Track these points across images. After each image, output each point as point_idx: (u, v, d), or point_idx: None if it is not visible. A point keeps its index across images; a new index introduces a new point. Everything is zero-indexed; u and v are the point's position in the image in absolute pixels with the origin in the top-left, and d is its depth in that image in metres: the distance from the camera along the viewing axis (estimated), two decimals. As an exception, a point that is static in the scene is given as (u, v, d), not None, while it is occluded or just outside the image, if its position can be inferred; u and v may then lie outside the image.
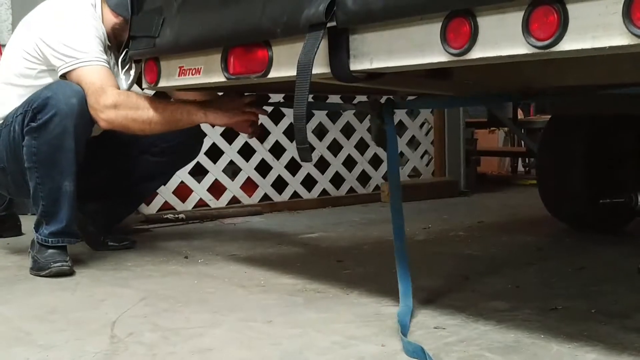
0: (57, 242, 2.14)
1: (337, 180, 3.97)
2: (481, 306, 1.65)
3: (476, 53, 1.11)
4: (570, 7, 0.98)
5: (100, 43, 2.18)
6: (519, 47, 1.05)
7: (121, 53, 2.10)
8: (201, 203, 3.49)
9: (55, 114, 2.07)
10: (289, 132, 3.66)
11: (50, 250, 2.13)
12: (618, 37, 0.93)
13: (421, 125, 4.36)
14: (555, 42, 1.00)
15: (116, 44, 2.29)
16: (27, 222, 2.82)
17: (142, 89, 2.12)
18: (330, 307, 1.68)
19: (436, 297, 1.76)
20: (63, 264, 2.11)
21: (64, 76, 2.14)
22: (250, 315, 1.63)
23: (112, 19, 2.26)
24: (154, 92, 2.35)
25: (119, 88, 2.15)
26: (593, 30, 0.96)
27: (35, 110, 2.09)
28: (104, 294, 1.87)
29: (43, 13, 2.24)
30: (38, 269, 2.12)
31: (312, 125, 3.83)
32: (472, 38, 1.11)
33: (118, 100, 2.08)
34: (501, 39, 1.08)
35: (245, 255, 2.42)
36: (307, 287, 1.90)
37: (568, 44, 0.99)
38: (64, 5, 2.23)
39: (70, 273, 2.11)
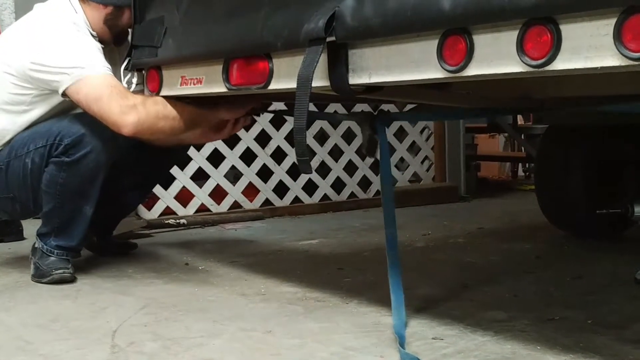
0: (62, 254, 2.16)
1: (338, 185, 3.98)
2: (479, 316, 1.67)
3: (472, 70, 1.13)
4: (564, 28, 1.00)
5: (101, 52, 2.13)
6: (514, 66, 1.07)
7: (123, 62, 2.10)
8: (202, 208, 3.51)
9: (90, 151, 2.06)
10: (291, 138, 3.66)
11: (52, 258, 2.15)
12: (609, 58, 0.95)
13: (422, 131, 4.38)
14: (549, 61, 1.02)
15: (113, 37, 2.24)
16: (29, 227, 2.83)
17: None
18: (330, 317, 1.70)
19: (435, 306, 1.78)
20: (65, 271, 2.13)
21: (65, 93, 2.03)
22: (251, 324, 1.64)
23: (101, 13, 2.18)
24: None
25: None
26: (585, 50, 0.98)
27: (68, 146, 2.05)
28: (105, 301, 1.89)
29: (26, 34, 2.13)
30: (40, 276, 2.14)
31: (313, 130, 3.85)
32: (468, 56, 1.13)
33: (145, 99, 1.96)
34: (496, 57, 1.09)
35: (245, 262, 2.43)
36: (307, 295, 1.92)
37: (561, 64, 1.01)
38: (48, 24, 2.12)
39: (71, 280, 2.13)
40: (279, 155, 3.74)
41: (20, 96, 2.13)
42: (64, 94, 2.04)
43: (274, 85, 1.57)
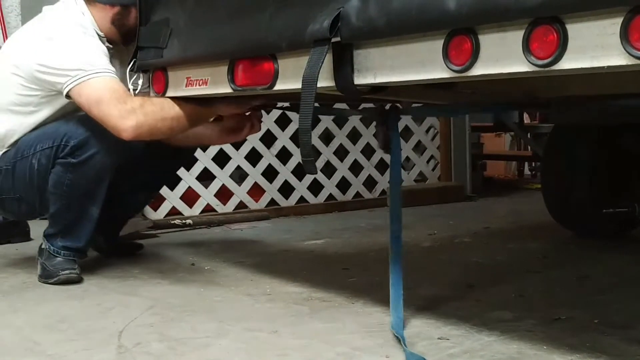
0: (68, 255, 2.17)
1: (343, 185, 3.98)
2: (485, 316, 1.66)
3: (477, 70, 1.13)
4: (570, 27, 0.99)
5: (107, 55, 2.14)
6: (520, 65, 1.06)
7: (129, 63, 2.10)
8: (208, 208, 3.52)
9: (97, 152, 2.07)
10: (296, 138, 3.68)
11: (59, 259, 2.16)
12: (616, 58, 0.94)
13: (427, 130, 4.37)
14: (555, 61, 1.01)
15: (121, 37, 2.23)
16: (36, 228, 2.84)
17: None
18: (336, 317, 1.70)
19: (441, 306, 1.77)
20: (71, 272, 2.14)
21: (69, 95, 2.04)
22: (257, 325, 1.65)
23: (108, 14, 2.18)
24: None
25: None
26: (592, 50, 0.97)
27: (74, 147, 2.06)
28: (111, 302, 1.90)
29: (33, 36, 2.14)
30: (47, 277, 2.15)
31: (318, 130, 3.85)
32: (474, 55, 1.12)
33: (144, 102, 1.97)
34: (502, 56, 1.09)
35: (251, 262, 2.43)
36: (312, 295, 1.92)
37: (567, 63, 1.00)
38: (55, 27, 2.13)
39: (78, 281, 2.14)
40: (284, 156, 3.74)
41: (27, 97, 2.14)
42: (67, 96, 2.05)
43: (279, 86, 1.57)
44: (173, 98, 1.99)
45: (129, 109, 1.95)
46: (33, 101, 2.15)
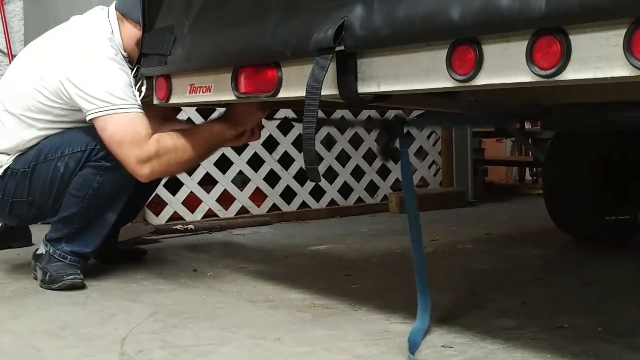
0: (74, 260, 2.17)
1: (345, 190, 3.99)
2: (488, 324, 1.66)
3: (481, 80, 1.13)
4: (573, 38, 1.00)
5: (131, 86, 2.10)
6: (523, 75, 1.07)
7: (132, 70, 2.11)
8: (210, 213, 3.52)
9: None
10: (298, 143, 3.69)
11: (62, 263, 2.16)
12: (619, 69, 0.95)
13: (429, 136, 4.38)
14: (559, 71, 1.02)
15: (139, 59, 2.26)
16: (37, 233, 2.85)
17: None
18: (339, 324, 1.70)
19: (444, 314, 1.77)
20: (76, 277, 2.14)
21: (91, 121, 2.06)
22: (259, 332, 1.65)
23: (137, 33, 2.13)
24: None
25: (151, 131, 2.07)
26: (595, 61, 0.98)
27: (109, 151, 2.07)
28: (113, 308, 1.90)
29: (63, 47, 2.13)
30: (50, 282, 2.14)
31: (320, 136, 3.86)
32: (477, 65, 1.13)
33: (159, 148, 2.03)
34: (506, 67, 1.09)
35: (253, 268, 2.43)
36: (315, 302, 1.92)
37: (571, 74, 1.01)
38: (87, 41, 2.13)
39: (81, 286, 2.13)
40: (286, 161, 3.75)
41: (48, 107, 2.13)
42: (89, 121, 2.07)
43: (282, 94, 1.57)
44: (186, 130, 2.11)
45: (146, 157, 2.03)
46: (52, 112, 2.14)
